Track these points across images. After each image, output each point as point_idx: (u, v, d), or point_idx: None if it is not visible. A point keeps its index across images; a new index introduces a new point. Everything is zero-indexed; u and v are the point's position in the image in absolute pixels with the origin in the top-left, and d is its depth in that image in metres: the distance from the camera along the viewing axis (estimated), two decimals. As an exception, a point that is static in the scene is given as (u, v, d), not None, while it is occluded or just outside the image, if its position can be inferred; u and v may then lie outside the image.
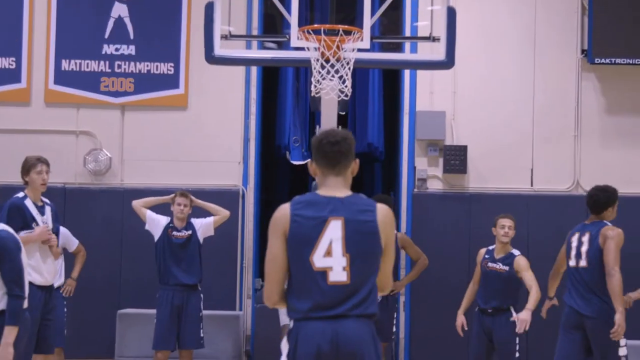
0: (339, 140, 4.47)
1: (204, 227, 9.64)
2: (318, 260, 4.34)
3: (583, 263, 7.90)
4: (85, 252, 9.66)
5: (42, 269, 7.70)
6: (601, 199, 8.09)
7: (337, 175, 4.48)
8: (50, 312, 7.83)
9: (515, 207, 10.66)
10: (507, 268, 8.82)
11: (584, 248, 7.93)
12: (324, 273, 4.33)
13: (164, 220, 9.58)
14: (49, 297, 7.82)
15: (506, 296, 8.78)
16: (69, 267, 9.61)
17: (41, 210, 7.80)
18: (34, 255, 7.62)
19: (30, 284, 7.36)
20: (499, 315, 8.76)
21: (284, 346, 4.40)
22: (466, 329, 9.05)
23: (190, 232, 9.54)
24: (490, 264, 8.91)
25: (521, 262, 8.84)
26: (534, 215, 11.28)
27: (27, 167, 7.79)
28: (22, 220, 7.60)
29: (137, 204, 9.73)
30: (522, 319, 8.57)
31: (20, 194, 7.78)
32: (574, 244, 8.05)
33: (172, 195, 9.69)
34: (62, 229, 9.20)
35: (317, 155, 4.51)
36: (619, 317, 7.60)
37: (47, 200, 7.97)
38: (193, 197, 9.71)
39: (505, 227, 8.90)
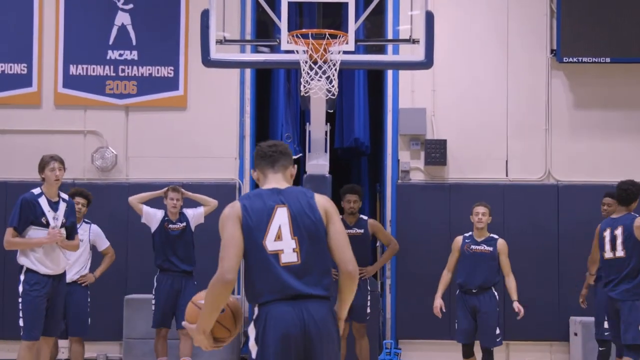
0: (276, 143, 4.85)
1: (196, 216, 10.03)
2: (270, 244, 4.51)
3: (620, 253, 8.47)
4: (113, 255, 9.88)
5: (45, 260, 7.97)
6: (633, 192, 8.60)
7: (276, 172, 4.74)
8: (57, 298, 8.10)
9: (491, 196, 11.02)
10: (491, 249, 9.27)
11: (619, 240, 8.47)
12: (276, 255, 4.50)
13: (159, 213, 9.95)
14: (57, 284, 8.10)
15: (490, 275, 9.26)
16: (96, 263, 9.81)
17: (54, 206, 8.05)
18: (38, 248, 7.97)
19: (36, 272, 7.90)
20: (483, 294, 9.21)
21: (251, 330, 4.50)
22: (444, 310, 9.37)
23: (184, 223, 9.94)
24: (473, 247, 9.31)
25: (503, 245, 9.33)
26: (509, 203, 11.55)
27: (42, 164, 8.09)
28: (33, 214, 7.93)
29: (133, 200, 10.06)
30: (520, 309, 9.13)
31: (37, 190, 8.06)
32: (608, 237, 8.58)
33: (165, 189, 10.03)
34: (95, 228, 9.64)
35: (258, 158, 4.80)
36: None
37: (64, 196, 8.22)
38: (184, 190, 10.06)
39: (479, 214, 9.35)
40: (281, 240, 4.53)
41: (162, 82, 11.94)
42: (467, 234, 9.49)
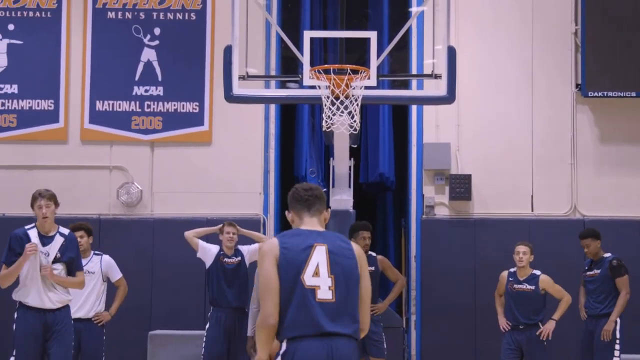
0: (312, 187, 4.89)
1: (250, 253, 9.84)
2: (308, 278, 4.57)
3: None
4: (126, 287, 9.45)
5: (29, 290, 7.65)
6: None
7: (312, 216, 4.81)
8: (54, 335, 7.75)
9: (517, 231, 11.02)
10: (533, 287, 9.34)
11: None
12: (313, 290, 4.56)
13: (214, 248, 9.81)
14: (52, 320, 7.75)
15: (535, 312, 9.34)
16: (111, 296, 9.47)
17: (46, 240, 7.75)
18: (22, 279, 7.70)
19: (25, 305, 7.67)
20: (530, 330, 9.31)
21: None
22: (510, 324, 9.38)
23: (239, 258, 9.79)
24: (516, 286, 9.39)
25: (546, 280, 9.40)
26: (535, 238, 11.04)
27: (32, 201, 7.82)
28: (20, 247, 7.63)
29: (189, 234, 9.89)
30: (547, 327, 9.23)
31: (29, 225, 7.80)
32: None
33: (220, 225, 9.91)
34: (106, 258, 9.30)
35: (293, 201, 4.85)
36: None
37: (64, 231, 7.90)
38: (239, 227, 9.96)
39: (519, 253, 9.43)
40: (319, 276, 4.60)
41: (187, 117, 12.03)
42: (512, 270, 9.54)
